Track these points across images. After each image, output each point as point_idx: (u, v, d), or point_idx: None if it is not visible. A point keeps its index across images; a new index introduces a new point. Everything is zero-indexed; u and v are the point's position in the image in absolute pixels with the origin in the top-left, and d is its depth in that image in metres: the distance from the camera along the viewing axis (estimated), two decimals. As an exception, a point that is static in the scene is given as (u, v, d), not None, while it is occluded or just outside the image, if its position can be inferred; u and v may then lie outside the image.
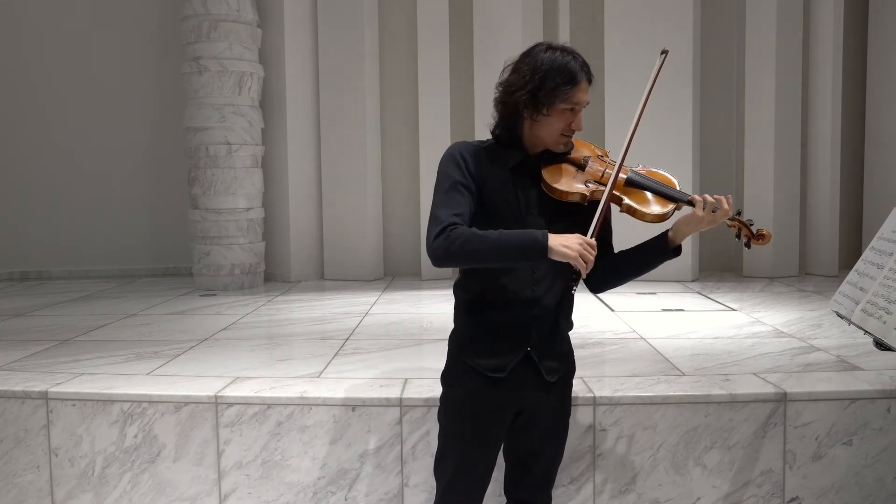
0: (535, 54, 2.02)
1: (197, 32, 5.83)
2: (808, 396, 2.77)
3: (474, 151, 2.06)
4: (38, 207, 6.85)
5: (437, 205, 1.99)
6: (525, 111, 2.01)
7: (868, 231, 6.34)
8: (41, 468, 2.91)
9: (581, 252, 1.88)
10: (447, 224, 1.92)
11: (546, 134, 2.04)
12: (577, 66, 2.00)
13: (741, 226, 2.09)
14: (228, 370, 3.23)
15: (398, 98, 6.56)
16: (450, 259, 1.93)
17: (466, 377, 2.09)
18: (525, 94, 1.99)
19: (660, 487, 2.76)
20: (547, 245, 1.88)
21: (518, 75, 2.02)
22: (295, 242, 6.33)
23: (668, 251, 2.09)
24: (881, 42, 6.34)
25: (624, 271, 2.17)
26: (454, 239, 1.90)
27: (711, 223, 2.04)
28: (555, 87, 1.97)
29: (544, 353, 2.09)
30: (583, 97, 2.02)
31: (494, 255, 1.92)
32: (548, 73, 1.97)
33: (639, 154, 3.70)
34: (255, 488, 2.82)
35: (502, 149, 2.07)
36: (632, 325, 4.18)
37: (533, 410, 2.13)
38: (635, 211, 2.05)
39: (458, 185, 1.99)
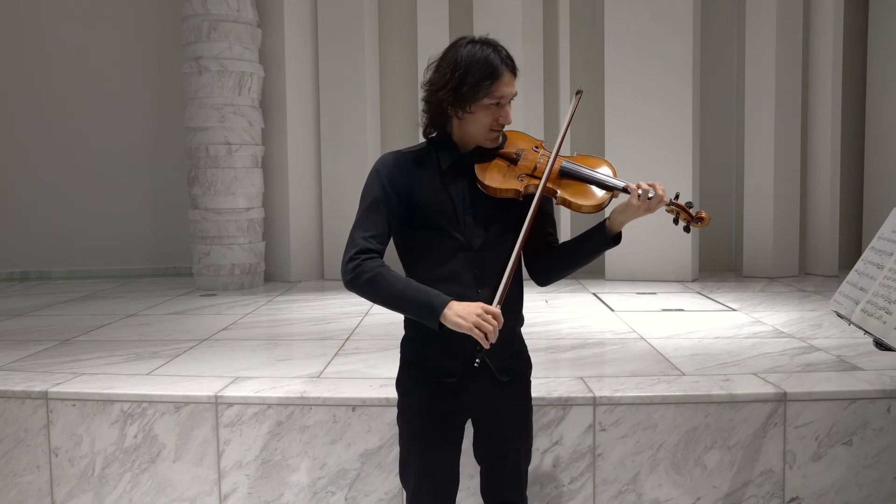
0: (455, 50, 1.97)
1: (197, 32, 5.83)
2: (808, 396, 2.77)
3: (399, 162, 2.03)
4: (38, 207, 6.85)
5: (356, 224, 1.99)
6: (450, 109, 1.96)
7: (868, 231, 6.34)
8: (41, 468, 2.91)
9: (477, 322, 1.84)
10: (362, 249, 1.93)
11: (475, 130, 1.99)
12: (499, 59, 1.94)
13: (679, 210, 2.03)
14: (228, 370, 3.23)
15: (398, 98, 6.56)
16: (354, 290, 1.94)
17: (419, 384, 2.07)
18: (446, 92, 1.94)
19: (660, 487, 2.76)
20: (441, 313, 1.86)
21: (439, 73, 1.97)
22: (295, 242, 6.33)
23: (608, 240, 2.05)
24: (881, 42, 6.35)
25: (566, 263, 2.14)
26: (362, 273, 1.91)
27: (648, 210, 1.98)
28: (476, 83, 1.92)
29: (495, 354, 2.02)
30: (507, 90, 1.96)
31: (393, 307, 1.94)
32: (467, 68, 1.92)
33: (639, 154, 3.79)
34: (255, 488, 2.83)
35: (435, 150, 2.03)
36: (632, 325, 4.18)
37: (491, 411, 2.10)
38: (570, 203, 2.01)
39: (376, 202, 1.98)
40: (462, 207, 1.99)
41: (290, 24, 6.24)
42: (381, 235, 1.97)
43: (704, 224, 2.04)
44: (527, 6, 6.06)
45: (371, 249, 1.94)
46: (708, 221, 2.03)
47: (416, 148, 2.07)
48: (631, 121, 5.99)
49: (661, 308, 4.77)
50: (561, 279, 2.20)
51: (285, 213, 6.32)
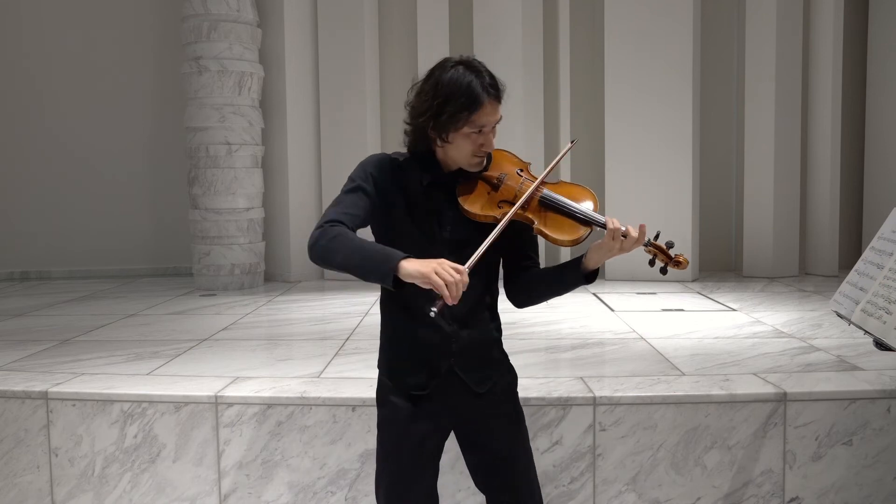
0: (438, 74, 1.91)
1: (197, 32, 5.83)
2: (808, 396, 2.77)
3: (389, 165, 1.98)
4: (38, 207, 6.85)
5: (332, 203, 1.92)
6: (431, 133, 1.92)
7: (868, 231, 6.34)
8: (41, 468, 2.91)
9: (436, 269, 1.70)
10: (329, 219, 1.83)
11: (456, 155, 1.94)
12: (481, 86, 1.87)
13: (657, 251, 1.98)
14: (228, 370, 3.23)
15: (398, 98, 6.50)
16: (316, 253, 1.81)
17: (393, 396, 2.02)
18: (426, 119, 1.89)
19: (660, 487, 2.76)
20: (398, 264, 1.73)
21: (420, 99, 1.93)
22: (295, 242, 6.33)
23: (582, 276, 2.00)
24: (881, 42, 6.35)
25: (540, 290, 2.10)
26: (326, 233, 1.80)
27: (622, 251, 1.93)
28: (455, 112, 1.85)
29: (469, 365, 1.99)
30: (488, 119, 1.89)
31: (349, 261, 1.79)
32: (448, 97, 1.86)
33: (639, 154, 3.79)
34: (255, 488, 2.83)
35: (418, 166, 1.98)
36: (632, 325, 4.18)
37: (469, 424, 2.05)
38: (547, 236, 1.95)
39: (358, 188, 1.92)
40: (440, 225, 1.96)
41: (290, 24, 6.24)
42: (355, 217, 1.89)
43: (682, 268, 1.98)
44: (527, 6, 6.05)
45: (340, 222, 1.84)
46: (686, 265, 1.98)
47: (404, 157, 2.02)
48: (631, 121, 5.99)
49: (661, 308, 4.77)
50: (535, 305, 2.14)
51: (285, 213, 6.33)
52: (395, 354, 2.03)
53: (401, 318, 2.02)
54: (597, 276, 2.01)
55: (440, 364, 1.99)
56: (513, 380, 2.15)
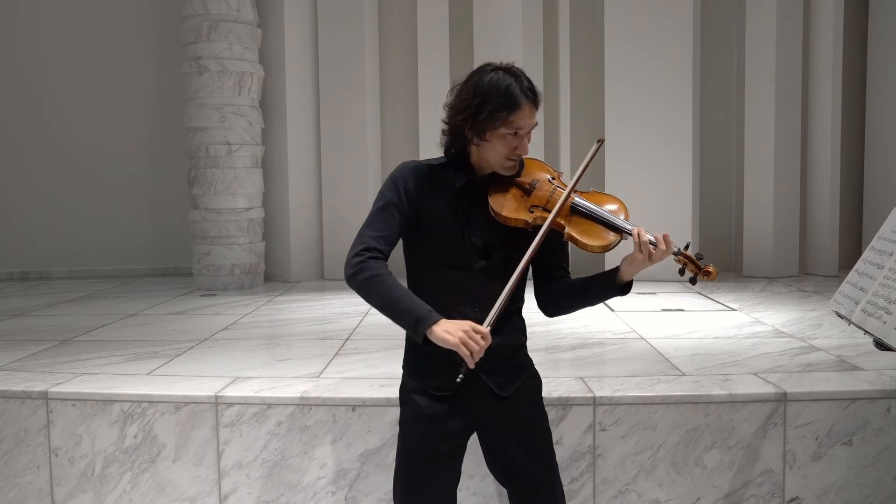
0: (478, 76, 1.97)
1: (197, 32, 5.83)
2: (808, 396, 2.77)
3: (419, 172, 2.02)
4: (38, 207, 6.85)
5: (366, 223, 1.99)
6: (468, 133, 1.97)
7: (868, 231, 6.34)
8: (41, 468, 2.91)
9: (463, 339, 1.82)
10: (368, 247, 1.93)
11: (491, 157, 1.99)
12: (520, 89, 1.93)
13: (686, 261, 2.02)
14: (228, 370, 3.23)
15: (398, 98, 6.56)
16: (353, 285, 1.94)
17: (416, 395, 2.06)
18: (464, 118, 1.94)
19: (660, 487, 2.76)
20: (429, 327, 1.86)
21: (459, 98, 1.98)
22: (295, 242, 6.33)
23: (616, 287, 2.04)
24: (881, 42, 6.35)
25: (573, 300, 2.14)
26: (364, 270, 1.91)
27: (652, 261, 1.97)
28: (494, 112, 1.91)
29: (491, 369, 2.02)
30: (525, 122, 1.95)
31: (383, 311, 1.94)
32: (487, 97, 1.92)
33: (639, 154, 3.79)
34: (255, 488, 2.82)
35: (451, 169, 2.03)
36: (632, 325, 4.18)
37: (491, 426, 2.07)
38: (576, 241, 1.99)
39: (390, 205, 1.98)
40: (470, 229, 2.00)
41: (290, 24, 6.24)
42: (390, 237, 1.97)
43: (711, 278, 2.02)
44: (527, 6, 6.05)
45: (377, 249, 1.94)
46: (715, 276, 2.02)
47: (436, 162, 2.06)
48: (631, 121, 5.99)
49: (661, 308, 4.77)
50: (566, 314, 2.21)
51: (285, 213, 6.33)
52: (419, 354, 2.04)
53: None
54: (631, 287, 2.05)
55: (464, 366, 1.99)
56: (537, 384, 2.18)
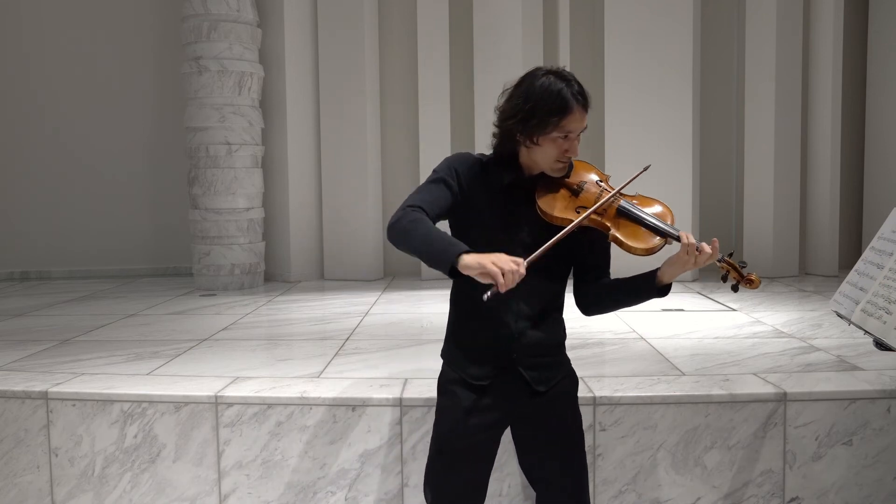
0: (530, 81, 2.00)
1: (197, 32, 5.83)
2: (808, 396, 2.77)
3: (473, 164, 2.07)
4: (38, 207, 6.85)
5: (416, 190, 2.02)
6: (519, 137, 2.01)
7: (868, 231, 6.34)
8: (41, 468, 2.92)
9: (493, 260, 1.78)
10: (411, 204, 1.94)
11: (541, 159, 2.03)
12: (570, 93, 1.96)
13: (730, 268, 2.05)
14: (228, 370, 3.23)
15: (398, 98, 6.56)
16: (395, 231, 1.91)
17: (453, 385, 2.11)
18: (516, 122, 1.98)
19: (660, 487, 2.76)
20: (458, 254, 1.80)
21: (511, 103, 2.01)
22: (295, 242, 6.33)
23: (655, 289, 2.07)
24: (881, 42, 6.35)
25: (611, 299, 2.19)
26: (407, 215, 1.91)
27: (696, 265, 2.01)
28: (545, 116, 1.94)
29: (530, 364, 2.08)
30: (576, 125, 1.98)
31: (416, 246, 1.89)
32: (539, 101, 1.95)
33: (639, 154, 3.78)
34: (255, 488, 2.83)
35: (500, 167, 2.07)
36: (632, 325, 4.18)
37: (526, 420, 2.12)
38: (621, 243, 2.02)
39: (440, 180, 2.01)
40: (516, 226, 2.04)
41: (290, 24, 6.24)
42: (434, 206, 1.98)
43: (754, 286, 2.05)
44: (527, 6, 6.05)
45: (422, 208, 1.94)
46: (757, 284, 2.04)
47: (487, 158, 2.11)
48: (631, 121, 5.99)
49: (661, 308, 4.77)
50: (603, 313, 2.26)
51: (285, 213, 6.32)
52: (459, 344, 2.12)
53: (468, 310, 2.10)
54: (670, 290, 2.09)
55: (502, 358, 2.06)
56: (574, 384, 2.23)
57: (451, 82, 6.33)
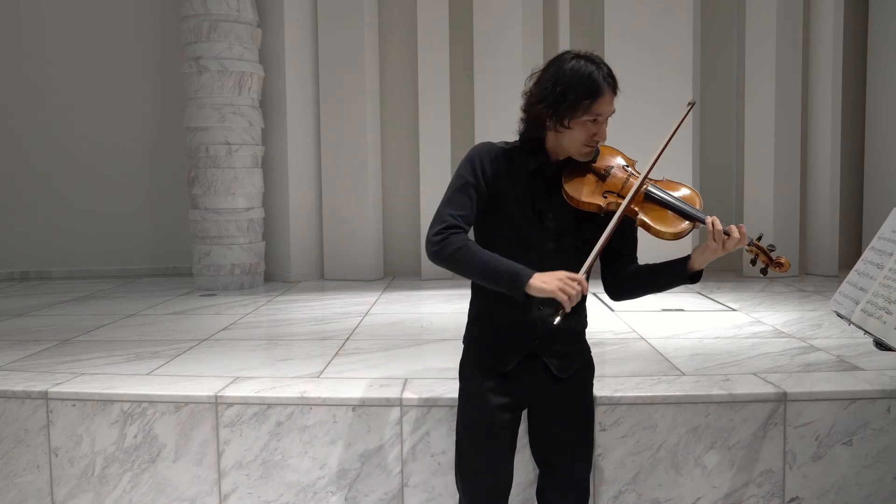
0: (559, 64, 2.00)
1: (197, 32, 5.83)
2: (808, 396, 2.77)
3: (496, 154, 2.07)
4: (39, 207, 6.85)
5: (445, 202, 2.03)
6: (548, 121, 2.01)
7: (868, 231, 6.34)
8: (41, 468, 2.91)
9: (560, 286, 1.88)
10: (449, 225, 1.97)
11: (569, 144, 2.03)
12: (601, 76, 1.99)
13: (759, 252, 2.07)
14: (228, 370, 3.23)
15: (398, 98, 6.56)
16: (439, 260, 1.98)
17: (476, 371, 2.15)
18: (546, 106, 1.98)
19: (660, 487, 2.76)
20: (526, 283, 1.90)
21: (540, 86, 2.01)
22: (295, 242, 6.33)
23: (686, 276, 2.10)
24: (881, 42, 6.35)
25: (640, 285, 2.21)
26: (449, 244, 1.95)
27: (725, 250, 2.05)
28: (576, 100, 1.96)
29: (552, 351, 2.11)
30: (606, 108, 2.01)
31: (477, 276, 1.99)
32: (570, 84, 1.96)
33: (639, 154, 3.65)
34: (255, 488, 2.83)
35: (526, 153, 2.08)
36: (632, 325, 4.18)
37: (545, 405, 2.16)
38: (649, 227, 2.04)
39: (468, 185, 2.02)
40: (543, 212, 2.05)
41: (290, 24, 6.24)
42: (468, 216, 2.02)
43: (783, 270, 2.08)
44: (527, 6, 6.06)
45: (458, 226, 1.98)
46: (787, 267, 2.07)
47: (510, 146, 2.11)
48: (631, 121, 5.96)
49: (661, 308, 4.77)
50: (632, 298, 2.27)
51: (285, 213, 6.32)
52: (482, 331, 2.16)
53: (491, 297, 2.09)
54: (701, 276, 2.12)
55: (525, 345, 2.09)
56: (591, 373, 2.28)
57: (451, 82, 6.33)
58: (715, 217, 2.04)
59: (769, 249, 2.09)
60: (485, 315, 2.16)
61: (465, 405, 2.19)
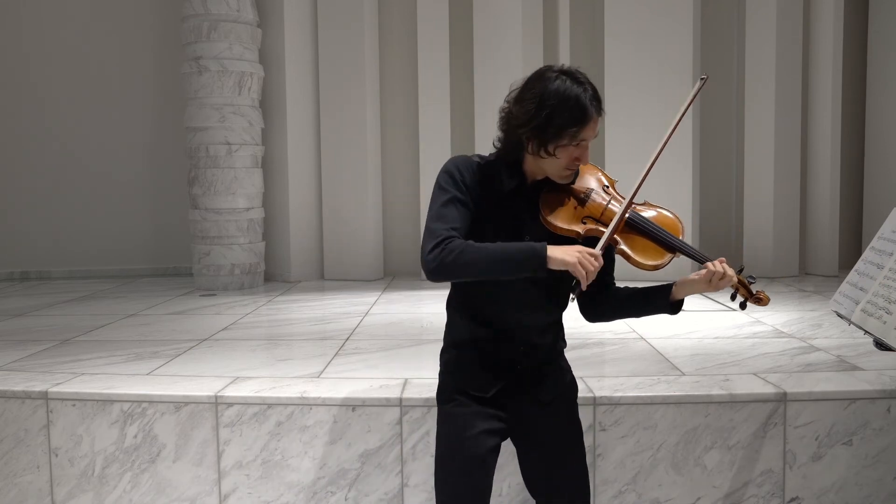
0: (543, 83, 1.86)
1: (197, 32, 5.83)
2: (808, 396, 2.77)
3: (473, 168, 1.94)
4: (39, 207, 6.85)
5: (433, 218, 1.88)
6: (530, 145, 1.88)
7: (868, 231, 6.34)
8: (41, 468, 2.91)
9: (580, 259, 1.78)
10: (444, 237, 1.82)
11: (550, 168, 1.92)
12: (588, 99, 1.85)
13: (739, 286, 1.98)
14: (228, 370, 3.23)
15: (398, 98, 6.56)
16: (444, 271, 1.83)
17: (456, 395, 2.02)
18: (529, 130, 1.84)
19: (660, 487, 2.76)
20: (546, 255, 1.79)
21: (522, 107, 1.86)
22: (295, 242, 6.33)
23: (668, 307, 2.03)
24: (881, 42, 6.35)
25: (620, 309, 2.14)
26: (450, 251, 1.80)
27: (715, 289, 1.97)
28: (562, 126, 1.82)
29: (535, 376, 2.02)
30: (591, 133, 1.88)
31: (491, 267, 1.82)
32: (555, 108, 1.82)
33: (639, 154, 3.76)
34: (255, 488, 2.83)
35: (502, 169, 1.95)
36: (632, 325, 4.18)
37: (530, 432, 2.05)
38: (629, 258, 1.94)
39: (455, 199, 1.88)
40: (520, 234, 1.93)
41: (290, 24, 6.24)
42: (461, 229, 1.87)
43: (762, 304, 1.99)
44: (527, 6, 6.05)
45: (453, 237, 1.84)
46: (766, 303, 1.99)
47: (486, 160, 1.98)
48: (631, 121, 5.98)
49: (661, 308, 4.77)
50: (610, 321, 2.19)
51: (285, 213, 6.32)
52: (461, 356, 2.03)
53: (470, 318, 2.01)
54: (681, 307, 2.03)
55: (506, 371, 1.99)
56: (575, 391, 2.17)
57: (451, 82, 6.32)
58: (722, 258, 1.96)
59: (749, 282, 2.00)
60: (465, 339, 2.04)
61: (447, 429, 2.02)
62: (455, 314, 2.08)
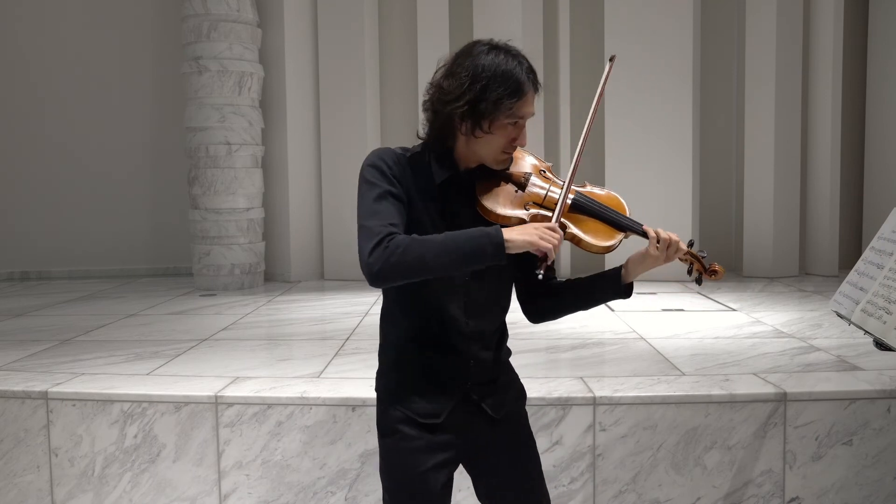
0: (475, 56, 1.70)
1: (197, 32, 5.83)
2: (808, 396, 2.77)
3: (398, 161, 1.73)
4: (39, 207, 6.85)
5: (366, 215, 1.66)
6: (463, 125, 1.69)
7: (868, 231, 6.34)
8: (41, 468, 2.91)
9: (540, 234, 1.61)
10: (384, 234, 1.61)
11: (484, 151, 1.73)
12: (524, 73, 1.71)
13: (693, 260, 1.85)
14: (228, 370, 3.23)
15: (398, 98, 6.56)
16: (390, 272, 1.62)
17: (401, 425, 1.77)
18: (462, 105, 1.66)
19: (660, 487, 2.76)
20: (503, 238, 1.60)
21: (454, 81, 1.68)
22: (295, 242, 6.33)
23: (622, 291, 1.85)
24: (881, 43, 6.35)
25: (567, 303, 1.94)
26: (394, 249, 1.59)
27: (667, 260, 1.80)
28: (498, 100, 1.66)
29: (486, 391, 1.82)
30: (528, 110, 1.72)
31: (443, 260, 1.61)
32: (490, 81, 1.66)
33: (639, 154, 3.77)
34: (255, 488, 2.83)
35: (431, 160, 1.75)
36: (632, 325, 4.18)
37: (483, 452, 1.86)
38: (580, 241, 1.79)
39: (387, 193, 1.68)
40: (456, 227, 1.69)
41: (290, 24, 6.24)
42: (400, 226, 1.66)
43: (717, 277, 1.84)
44: (527, 6, 6.06)
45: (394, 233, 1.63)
46: (721, 275, 1.85)
47: (412, 151, 1.78)
48: (631, 121, 5.99)
49: (661, 308, 4.77)
50: (557, 318, 2.00)
51: (285, 213, 6.33)
52: (403, 379, 1.81)
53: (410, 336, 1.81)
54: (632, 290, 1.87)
55: (456, 389, 1.80)
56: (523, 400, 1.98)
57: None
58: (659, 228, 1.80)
59: (701, 256, 1.86)
60: (404, 361, 1.81)
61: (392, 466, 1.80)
62: (393, 329, 1.85)
